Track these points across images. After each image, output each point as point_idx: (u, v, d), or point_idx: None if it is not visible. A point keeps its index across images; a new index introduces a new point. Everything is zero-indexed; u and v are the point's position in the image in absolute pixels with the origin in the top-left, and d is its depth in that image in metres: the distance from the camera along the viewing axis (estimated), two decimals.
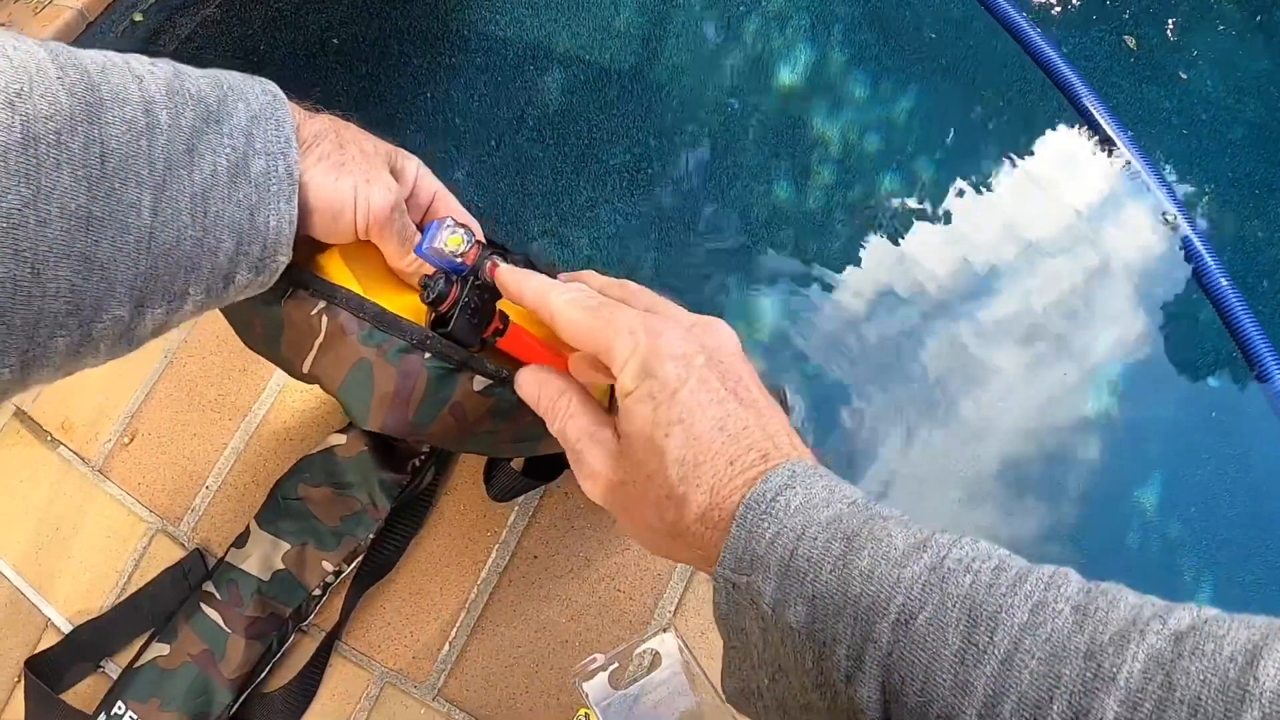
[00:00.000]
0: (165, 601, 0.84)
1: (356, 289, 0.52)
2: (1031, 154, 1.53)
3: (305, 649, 0.81)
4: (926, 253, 1.41)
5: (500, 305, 0.53)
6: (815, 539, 0.36)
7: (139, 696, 0.77)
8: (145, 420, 0.96)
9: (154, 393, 0.97)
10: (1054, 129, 1.54)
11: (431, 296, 0.50)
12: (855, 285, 1.38)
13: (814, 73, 1.58)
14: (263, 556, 0.80)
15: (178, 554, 0.88)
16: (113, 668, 0.85)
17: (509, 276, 0.48)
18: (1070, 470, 1.24)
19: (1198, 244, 1.39)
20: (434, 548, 0.82)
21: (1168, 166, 1.50)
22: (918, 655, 0.32)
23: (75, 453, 0.98)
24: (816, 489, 0.38)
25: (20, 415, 1.03)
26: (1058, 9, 1.65)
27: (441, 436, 0.56)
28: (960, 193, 1.48)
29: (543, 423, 0.51)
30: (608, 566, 0.78)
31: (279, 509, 0.82)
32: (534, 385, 0.48)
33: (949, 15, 1.64)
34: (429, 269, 0.51)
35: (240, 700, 0.78)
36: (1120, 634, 0.30)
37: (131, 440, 0.96)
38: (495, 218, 1.45)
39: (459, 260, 0.51)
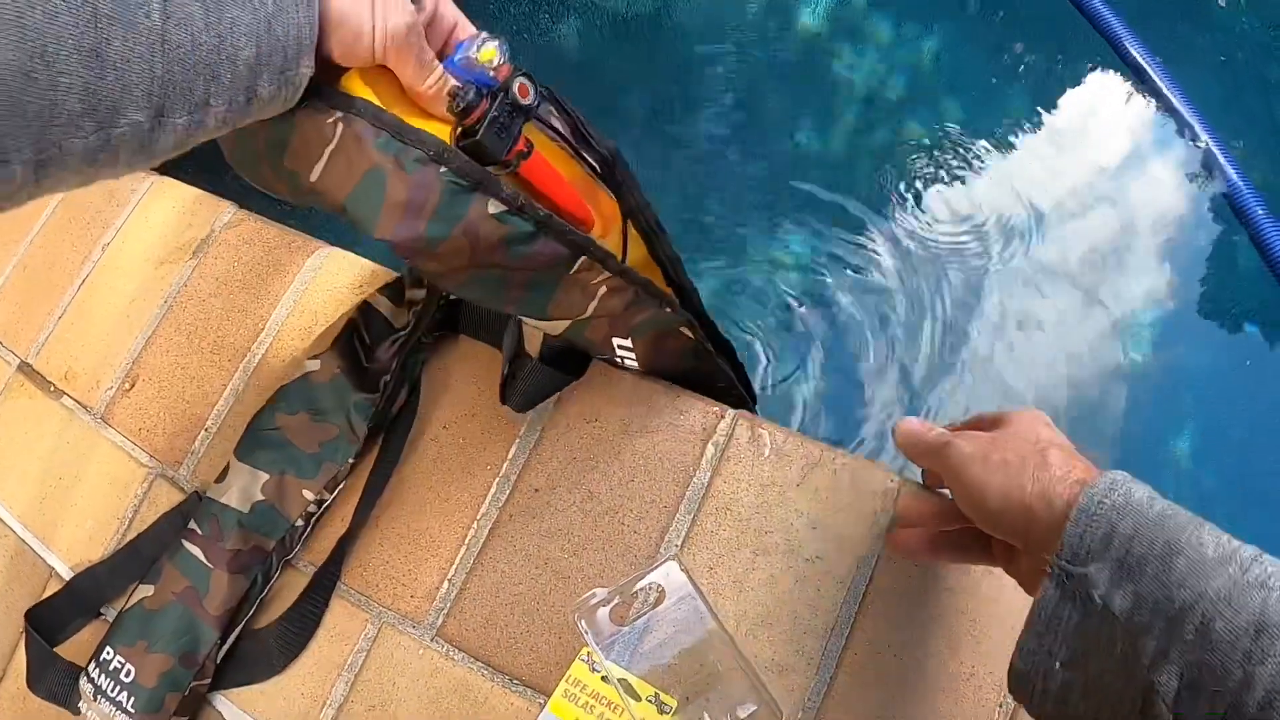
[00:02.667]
0: (163, 545, 0.83)
1: (376, 103, 0.52)
2: (1061, 99, 1.48)
3: (297, 586, 0.79)
4: (952, 197, 1.38)
5: (526, 132, 0.54)
6: (1144, 539, 0.44)
7: (126, 640, 0.76)
8: (145, 366, 0.95)
9: (154, 338, 0.96)
10: (1086, 73, 1.49)
11: (461, 106, 0.51)
12: (880, 230, 1.35)
13: (835, 15, 1.54)
14: (242, 488, 0.79)
15: (177, 498, 0.87)
16: (113, 613, 0.84)
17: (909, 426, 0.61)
18: (1104, 418, 1.21)
19: (1238, 181, 1.33)
20: (432, 483, 0.79)
21: (1202, 107, 1.45)
22: (1212, 655, 0.39)
23: (78, 401, 0.98)
24: (1139, 493, 0.46)
25: (24, 368, 1.03)
26: None
27: (452, 259, 0.55)
28: (987, 137, 1.43)
29: (555, 271, 0.59)
30: (612, 499, 0.75)
31: (256, 440, 0.81)
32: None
33: None
34: (448, 92, 0.52)
35: (230, 639, 0.77)
36: None
37: (132, 387, 0.95)
38: None
39: (491, 74, 0.51)
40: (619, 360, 0.76)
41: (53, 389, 1.00)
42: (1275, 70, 1.46)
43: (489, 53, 0.51)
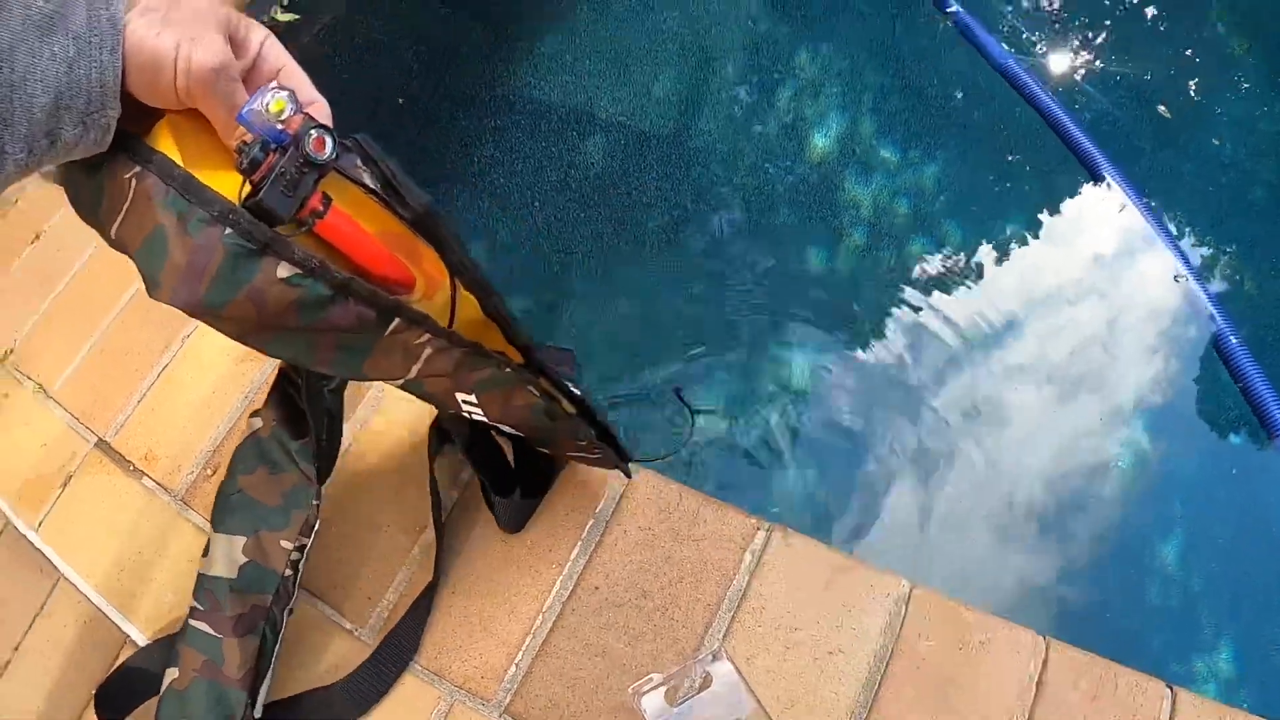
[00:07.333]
0: None
1: (175, 157, 0.51)
2: (1053, 214, 1.64)
3: (340, 648, 0.93)
4: (952, 307, 1.51)
5: (327, 188, 0.53)
6: None
7: None
8: (227, 455, 1.07)
9: (235, 429, 1.10)
10: (1075, 190, 1.65)
11: (245, 163, 0.50)
12: (882, 339, 1.48)
13: (846, 139, 1.72)
14: (225, 556, 0.86)
15: None
16: None
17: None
18: (1093, 519, 1.32)
19: (1210, 306, 1.48)
20: (503, 578, 0.93)
21: (1188, 229, 1.61)
22: None
23: (158, 483, 1.10)
24: None
25: (102, 445, 1.16)
26: (1082, 71, 1.79)
27: (241, 325, 0.55)
28: (984, 251, 1.58)
29: (367, 333, 0.58)
30: (662, 598, 0.90)
31: (225, 508, 0.89)
32: None
33: (975, 85, 1.78)
34: (235, 148, 0.51)
35: (263, 691, 0.86)
36: None
37: (214, 473, 1.08)
38: (538, 276, 1.59)
39: (280, 128, 0.50)
40: (466, 414, 0.76)
41: (132, 468, 1.13)
42: (1258, 192, 1.62)
43: (278, 104, 0.49)
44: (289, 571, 0.87)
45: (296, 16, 1.84)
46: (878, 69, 1.81)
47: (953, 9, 1.82)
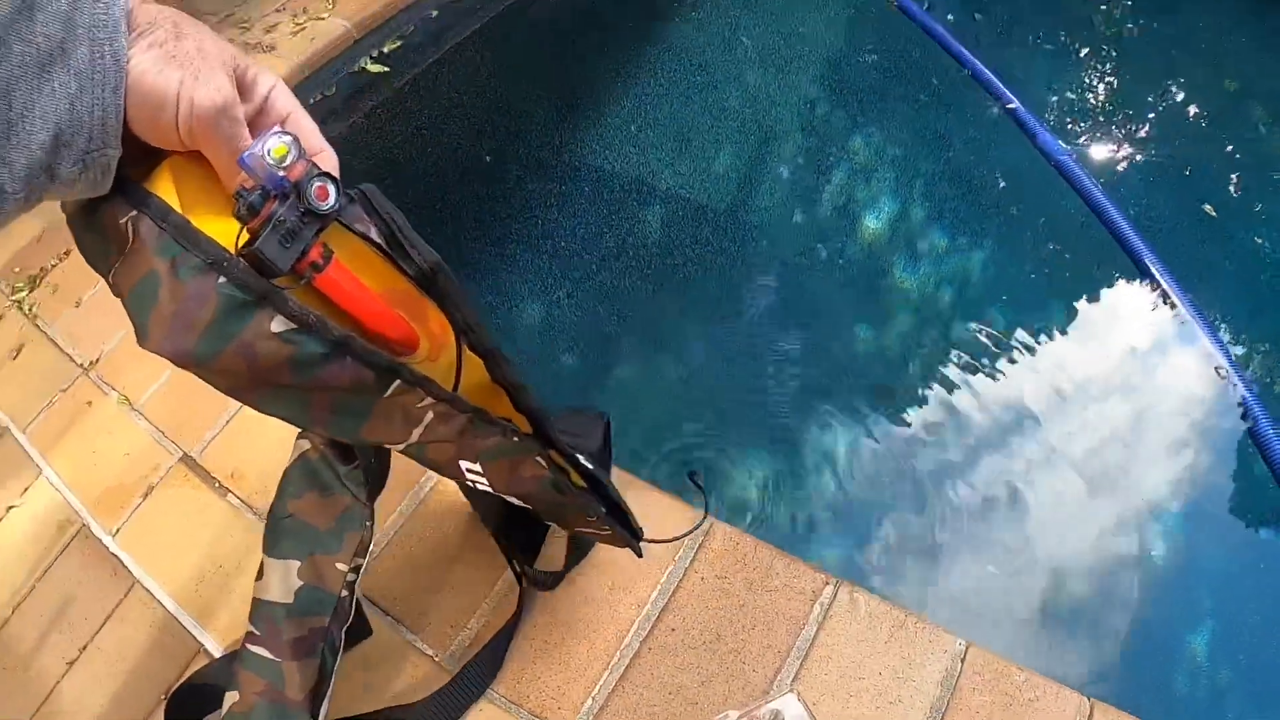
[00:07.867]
0: None
1: (174, 202, 0.50)
2: (1096, 303, 1.71)
3: (418, 672, 0.98)
4: (992, 391, 1.57)
5: (329, 240, 0.51)
6: None
7: None
8: None
9: None
10: (1116, 280, 1.73)
11: (243, 209, 0.48)
12: (921, 420, 1.54)
13: (897, 222, 1.80)
14: (280, 581, 0.85)
15: None
16: None
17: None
18: (1123, 610, 1.35)
19: (1250, 398, 1.53)
20: (583, 616, 0.99)
21: (1227, 322, 1.67)
22: None
23: (243, 501, 1.16)
24: None
25: (188, 460, 1.21)
26: (1128, 168, 1.90)
27: (231, 381, 0.53)
28: (1026, 337, 1.64)
29: (365, 394, 0.56)
30: (735, 642, 0.95)
31: (277, 532, 0.87)
32: None
33: (1023, 174, 1.88)
34: (233, 194, 0.49)
35: (321, 713, 0.85)
36: None
37: None
38: (591, 337, 1.66)
39: (280, 174, 0.48)
40: (470, 484, 0.73)
41: (217, 485, 1.18)
42: None
43: (280, 149, 0.47)
44: (345, 592, 0.86)
45: (386, 68, 1.95)
46: (930, 156, 1.91)
47: (1013, 105, 1.93)
